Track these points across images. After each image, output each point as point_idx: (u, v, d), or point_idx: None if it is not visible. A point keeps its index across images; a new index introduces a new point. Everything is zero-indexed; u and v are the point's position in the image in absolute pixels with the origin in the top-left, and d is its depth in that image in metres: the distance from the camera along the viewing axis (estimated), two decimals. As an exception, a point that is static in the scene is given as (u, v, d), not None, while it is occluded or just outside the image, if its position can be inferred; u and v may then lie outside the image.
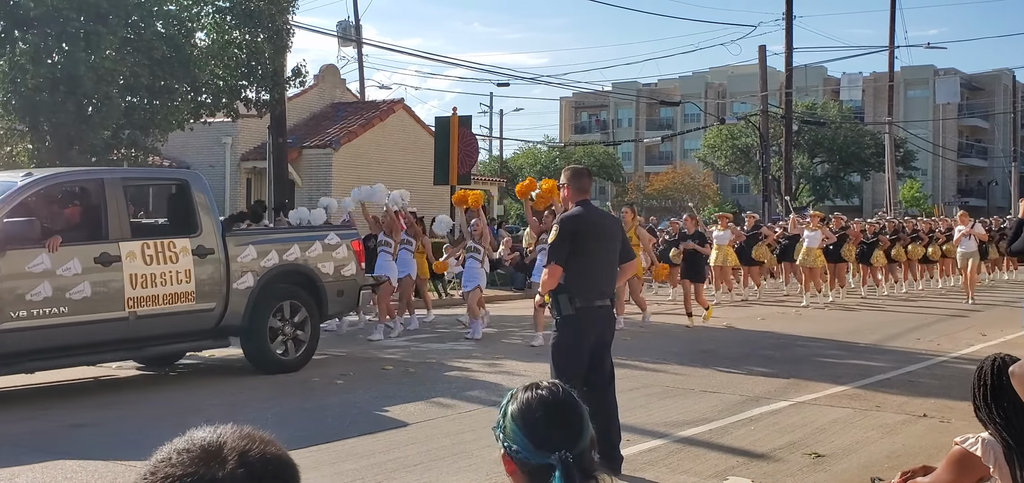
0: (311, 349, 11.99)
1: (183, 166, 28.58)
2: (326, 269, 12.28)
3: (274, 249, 11.77)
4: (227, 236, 11.30)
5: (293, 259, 11.92)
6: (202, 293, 10.84)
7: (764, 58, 36.93)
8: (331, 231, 12.93)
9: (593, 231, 7.06)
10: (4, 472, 7.09)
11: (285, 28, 20.21)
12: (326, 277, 12.26)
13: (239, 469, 1.41)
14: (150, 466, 1.43)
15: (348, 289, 12.64)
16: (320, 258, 12.24)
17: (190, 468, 1.40)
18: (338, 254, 12.51)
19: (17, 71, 16.36)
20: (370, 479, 6.93)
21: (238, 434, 1.46)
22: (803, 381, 11.14)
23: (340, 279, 12.48)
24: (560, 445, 2.14)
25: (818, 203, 59.46)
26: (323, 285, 12.19)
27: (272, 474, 1.44)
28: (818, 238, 20.68)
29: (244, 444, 1.44)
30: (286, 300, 11.73)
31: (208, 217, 11.12)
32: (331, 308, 12.50)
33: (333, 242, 12.54)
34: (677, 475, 7.12)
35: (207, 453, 1.43)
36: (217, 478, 1.39)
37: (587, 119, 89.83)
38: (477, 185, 34.47)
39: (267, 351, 11.50)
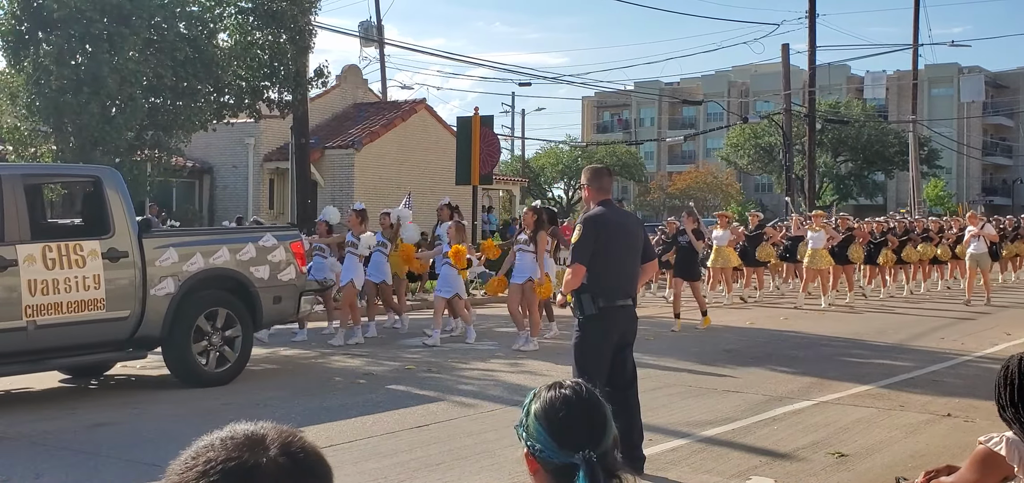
0: (242, 361, 11.05)
1: (206, 167, 28.82)
2: (260, 274, 11.25)
3: (199, 252, 10.80)
4: (144, 238, 10.37)
5: (221, 263, 10.93)
6: (114, 300, 9.93)
7: (787, 56, 36.75)
8: (267, 232, 11.97)
9: (616, 231, 7.05)
10: (28, 471, 7.15)
11: (307, 29, 20.29)
12: (260, 282, 11.24)
13: (281, 457, 1.43)
14: (191, 452, 1.44)
15: (287, 295, 11.62)
16: (253, 262, 11.23)
17: (235, 453, 1.42)
18: (274, 257, 11.46)
19: (41, 73, 16.50)
20: (393, 478, 6.94)
21: (277, 428, 1.49)
22: (826, 380, 11.08)
23: (277, 285, 11.46)
24: (584, 444, 2.13)
25: (842, 202, 59.15)
26: (257, 291, 11.19)
27: (311, 467, 1.46)
28: (822, 238, 20.16)
29: (285, 436, 1.47)
30: (213, 308, 10.81)
31: (123, 217, 10.17)
32: (267, 317, 11.49)
33: (269, 244, 11.49)
34: (700, 475, 7.09)
35: (251, 440, 1.45)
36: (261, 464, 1.41)
37: (609, 118, 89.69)
38: (499, 185, 34.56)
39: (190, 364, 10.62)
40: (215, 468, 1.40)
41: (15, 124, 17.22)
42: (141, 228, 10.47)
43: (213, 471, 1.40)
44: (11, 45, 16.94)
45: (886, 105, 74.65)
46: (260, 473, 1.40)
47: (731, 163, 63.90)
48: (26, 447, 7.89)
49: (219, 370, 10.79)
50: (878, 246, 22.35)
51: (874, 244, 22.35)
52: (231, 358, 10.90)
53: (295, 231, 12.85)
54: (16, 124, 17.21)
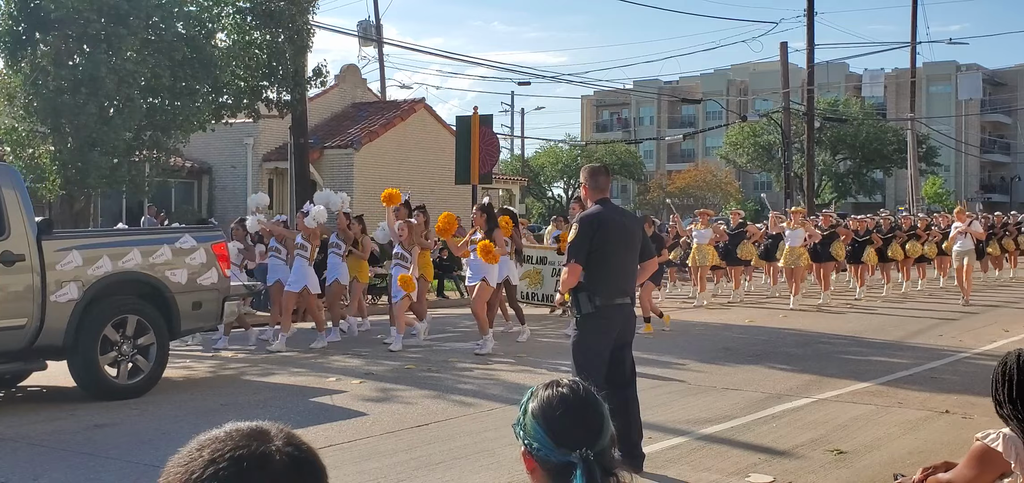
0: (157, 371, 10.33)
1: (205, 167, 28.81)
2: (177, 278, 10.56)
3: (106, 255, 10.04)
4: (44, 240, 9.61)
5: (132, 266, 10.21)
6: (8, 307, 9.25)
7: (786, 55, 36.76)
8: (185, 233, 11.20)
9: (613, 229, 7.05)
10: (27, 472, 7.15)
11: (305, 28, 20.31)
12: (177, 287, 10.54)
13: (287, 447, 1.46)
14: (195, 444, 1.46)
15: (207, 300, 10.91)
16: (169, 265, 10.53)
17: (241, 443, 1.44)
18: (193, 260, 10.75)
19: (39, 73, 16.50)
20: (392, 477, 6.94)
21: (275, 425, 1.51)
22: (825, 378, 11.10)
23: (196, 289, 10.75)
24: (581, 443, 2.14)
25: (841, 200, 59.16)
26: (173, 296, 10.48)
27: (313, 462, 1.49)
28: (801, 236, 19.74)
29: (286, 431, 1.50)
30: (123, 315, 10.08)
31: (20, 217, 9.41)
32: (185, 323, 10.74)
33: (187, 246, 10.76)
34: (699, 473, 7.10)
35: (256, 432, 1.47)
36: (268, 453, 1.44)
37: (608, 117, 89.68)
38: (499, 184, 34.56)
39: (97, 374, 9.86)
40: (223, 456, 1.42)
41: (13, 125, 17.22)
42: (41, 229, 9.72)
43: (221, 459, 1.42)
44: (8, 46, 16.94)
45: (884, 103, 74.61)
46: (268, 460, 1.43)
47: (730, 162, 63.88)
48: (25, 448, 7.89)
49: (131, 381, 10.03)
50: (862, 244, 21.85)
51: (858, 242, 21.87)
52: (144, 368, 10.14)
53: (218, 232, 12.16)
54: (14, 125, 17.21)
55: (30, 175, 17.33)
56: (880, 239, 22.25)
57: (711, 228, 20.62)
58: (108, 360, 9.94)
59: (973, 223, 20.70)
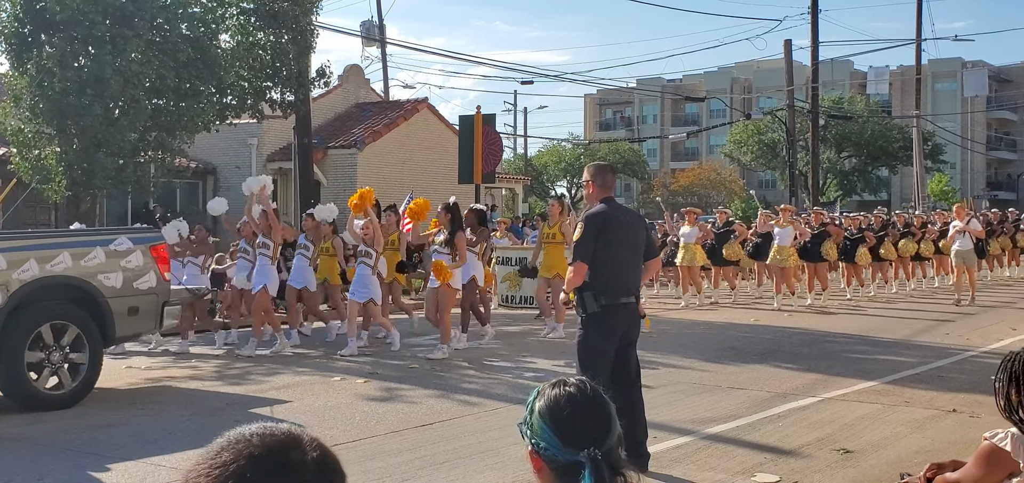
0: (90, 380, 9.79)
1: (210, 168, 28.82)
2: (111, 282, 10.02)
3: (33, 258, 9.54)
4: None
5: (61, 270, 9.70)
6: None
7: (790, 52, 36.73)
8: (120, 234, 10.59)
9: (618, 228, 7.04)
10: (31, 472, 7.15)
11: (309, 29, 20.32)
12: (111, 292, 9.99)
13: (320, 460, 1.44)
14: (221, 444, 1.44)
15: (145, 305, 10.34)
16: (102, 268, 9.97)
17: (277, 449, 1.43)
18: (129, 263, 10.21)
19: (44, 75, 16.53)
20: (397, 477, 6.94)
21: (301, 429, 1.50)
22: (831, 377, 11.07)
23: (132, 294, 10.19)
24: (589, 442, 2.13)
25: (846, 198, 59.09)
26: (106, 302, 9.93)
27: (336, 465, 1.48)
28: (790, 235, 19.03)
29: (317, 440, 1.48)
30: (52, 321, 9.58)
31: None
32: (120, 329, 10.19)
33: (122, 248, 10.20)
34: (704, 472, 7.08)
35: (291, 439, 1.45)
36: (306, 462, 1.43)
37: (612, 116, 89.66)
38: (502, 184, 34.55)
39: (24, 383, 9.39)
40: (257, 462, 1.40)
41: (19, 126, 17.26)
42: None
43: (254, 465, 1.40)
44: (14, 47, 16.99)
45: (890, 100, 74.60)
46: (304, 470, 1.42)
47: (734, 160, 63.83)
48: (29, 448, 7.90)
49: (60, 391, 9.58)
50: (855, 243, 20.83)
51: (850, 241, 20.81)
52: (75, 377, 9.66)
53: (156, 233, 11.60)
54: (20, 126, 17.25)
55: (36, 176, 17.38)
56: (873, 237, 21.44)
57: (698, 227, 19.96)
58: (36, 369, 9.46)
59: (971, 221, 19.78)
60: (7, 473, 7.12)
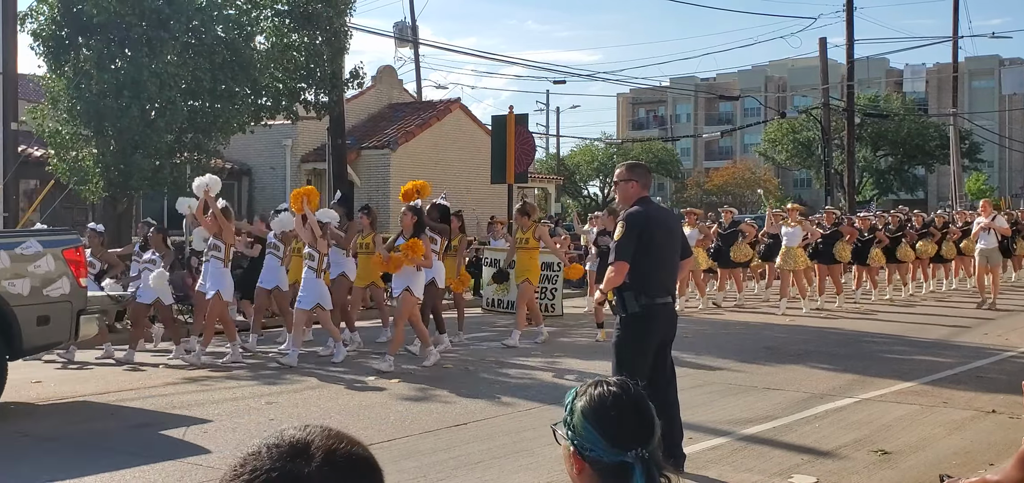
0: None
1: (245, 168, 29.04)
2: (17, 289, 9.21)
3: None
4: None
5: None
6: None
7: (825, 50, 36.46)
8: (30, 236, 9.81)
9: (657, 227, 7.00)
10: (74, 469, 7.20)
11: (342, 30, 20.40)
12: (17, 300, 9.18)
13: (325, 467, 1.44)
14: (239, 460, 1.46)
15: (57, 314, 9.53)
16: (6, 274, 9.19)
17: (278, 463, 1.43)
18: (38, 268, 9.42)
19: (82, 77, 16.71)
20: (432, 476, 6.94)
21: (325, 433, 1.49)
22: (868, 377, 10.97)
23: (42, 302, 9.39)
24: (635, 443, 2.11)
25: (882, 197, 58.56)
26: (12, 310, 9.13)
27: (357, 474, 1.47)
28: (798, 236, 18.23)
29: (331, 443, 1.47)
30: None
31: None
32: (28, 340, 9.34)
33: (30, 252, 9.38)
34: (740, 473, 7.03)
35: (295, 449, 1.45)
36: (303, 474, 1.42)
37: (645, 115, 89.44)
38: (534, 184, 34.53)
39: None
40: (259, 477, 1.42)
41: (57, 128, 17.45)
42: None
43: (258, 480, 1.41)
44: (52, 50, 17.19)
45: (926, 98, 73.89)
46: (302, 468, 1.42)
47: (769, 158, 63.45)
48: (70, 448, 7.97)
49: None
50: (867, 244, 19.90)
51: (862, 242, 19.88)
52: None
53: (73, 236, 10.56)
54: (58, 128, 17.44)
55: (74, 177, 17.57)
56: (886, 238, 20.28)
57: (698, 228, 18.63)
58: None
59: (997, 218, 18.70)
60: (50, 471, 7.18)
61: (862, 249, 19.87)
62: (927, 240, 21.16)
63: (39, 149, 20.83)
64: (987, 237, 18.33)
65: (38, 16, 17.24)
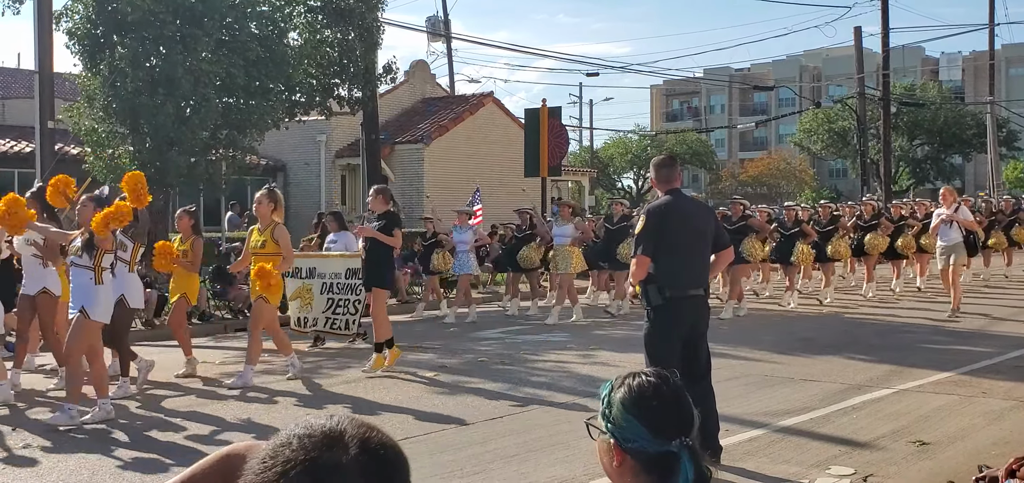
0: None
1: (279, 164, 29.23)
2: None
3: None
4: None
5: None
6: None
7: (860, 39, 36.09)
8: None
9: (682, 220, 6.97)
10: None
11: (375, 26, 20.49)
12: None
13: (362, 455, 1.41)
14: (267, 452, 1.42)
15: None
16: None
17: (313, 452, 1.40)
18: None
19: (117, 75, 16.87)
20: (468, 470, 6.95)
21: (355, 422, 1.46)
22: (905, 368, 10.86)
23: None
24: (679, 432, 2.11)
25: (918, 186, 57.93)
26: None
27: (390, 463, 1.44)
28: None
29: (363, 431, 1.44)
30: None
31: None
32: None
33: None
34: (778, 465, 6.99)
35: (329, 438, 1.42)
36: (340, 463, 1.39)
37: (679, 106, 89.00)
38: (567, 176, 34.48)
39: None
40: (293, 468, 1.38)
41: (93, 126, 17.64)
42: None
43: (292, 471, 1.38)
44: (87, 49, 17.37)
45: (962, 86, 72.99)
46: (339, 472, 1.39)
47: (804, 149, 62.96)
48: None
49: None
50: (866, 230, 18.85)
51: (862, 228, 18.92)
52: None
53: None
54: (94, 126, 17.62)
55: (110, 175, 17.75)
56: (890, 225, 19.06)
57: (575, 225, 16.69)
58: None
59: (961, 208, 15.99)
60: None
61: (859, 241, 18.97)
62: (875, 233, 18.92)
63: (76, 147, 21.06)
64: (948, 232, 15.52)
65: (73, 15, 17.42)
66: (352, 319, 12.75)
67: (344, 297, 12.68)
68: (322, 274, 12.93)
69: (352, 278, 12.58)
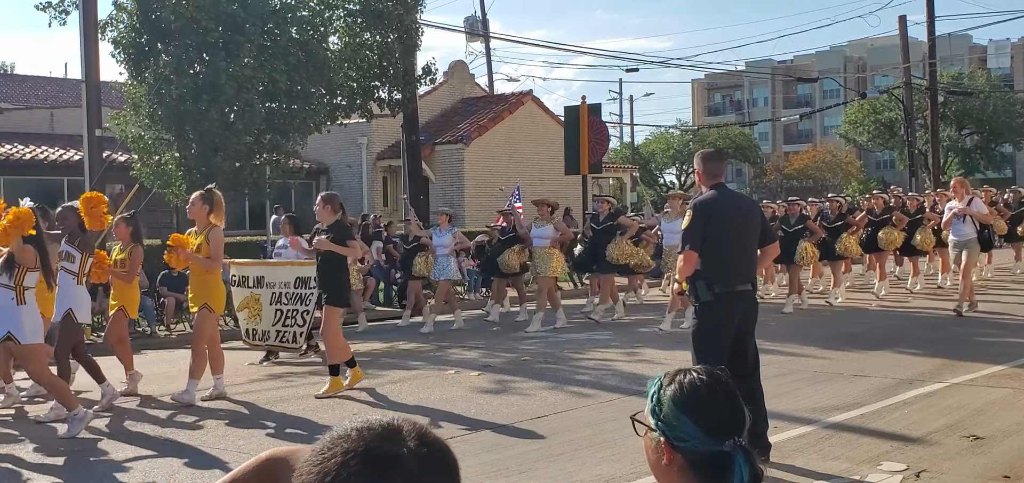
0: None
1: (322, 167, 29.43)
2: None
3: None
4: None
5: None
6: None
7: (905, 28, 35.63)
8: None
9: (728, 215, 6.89)
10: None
11: (414, 27, 20.54)
12: None
13: (420, 449, 1.41)
14: (325, 443, 1.42)
15: None
16: None
17: (372, 443, 1.40)
18: None
19: (162, 82, 17.05)
20: (513, 469, 6.92)
21: (407, 419, 1.47)
22: (958, 362, 10.68)
23: None
24: (731, 432, 2.07)
25: (968, 176, 57.06)
26: None
27: (445, 460, 1.45)
28: None
29: (419, 428, 1.45)
30: None
31: None
32: None
33: None
34: (828, 461, 6.88)
35: (388, 431, 1.43)
36: (400, 455, 1.40)
37: (721, 100, 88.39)
38: (608, 173, 34.39)
39: None
40: (354, 458, 1.39)
41: (139, 133, 17.84)
42: None
43: (353, 459, 1.39)
44: (132, 57, 17.57)
45: (1012, 74, 71.76)
46: (400, 463, 1.39)
47: (850, 141, 62.22)
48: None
49: None
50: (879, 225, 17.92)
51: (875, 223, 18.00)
52: None
53: None
54: (140, 133, 17.83)
55: (157, 181, 17.95)
56: (905, 220, 18.07)
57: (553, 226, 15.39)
58: None
59: (974, 201, 14.94)
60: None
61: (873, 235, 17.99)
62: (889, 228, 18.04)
63: (123, 154, 21.30)
64: (960, 226, 14.62)
65: (118, 24, 17.64)
66: (300, 331, 11.64)
67: (293, 308, 11.62)
68: (271, 283, 11.86)
69: (302, 287, 11.56)
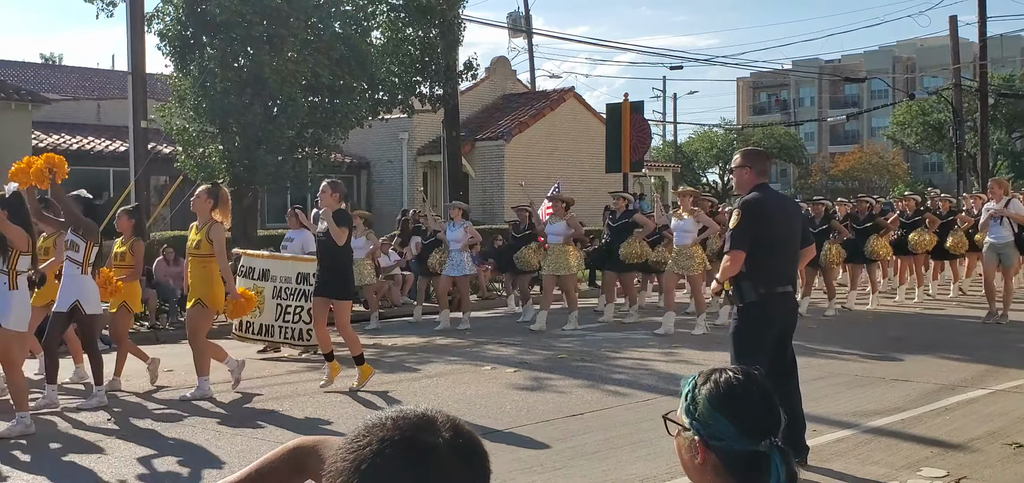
0: None
1: (363, 162, 29.58)
2: None
3: None
4: None
5: None
6: None
7: (955, 29, 35.11)
8: None
9: (775, 215, 6.81)
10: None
11: (456, 23, 20.59)
12: None
13: (455, 440, 1.43)
14: (359, 431, 1.43)
15: None
16: None
17: (408, 432, 1.42)
18: None
19: (206, 75, 17.21)
20: (549, 466, 6.89)
21: (443, 412, 1.48)
22: (1002, 368, 10.50)
23: None
24: (767, 432, 2.05)
25: (1018, 180, 56.17)
26: None
27: (479, 452, 1.46)
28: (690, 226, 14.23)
29: (454, 420, 1.47)
30: None
31: None
32: None
33: None
34: (867, 466, 6.79)
35: (423, 421, 1.44)
36: (435, 444, 1.41)
37: (766, 99, 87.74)
38: (651, 171, 34.22)
39: None
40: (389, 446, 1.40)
41: (184, 126, 18.02)
42: None
43: (388, 448, 1.40)
44: (177, 50, 17.75)
45: (1064, 76, 70.41)
46: (435, 452, 1.40)
47: (898, 142, 61.47)
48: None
49: None
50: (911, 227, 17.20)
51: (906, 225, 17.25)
52: None
53: None
54: (185, 126, 18.01)
55: (201, 173, 18.13)
56: (937, 221, 17.27)
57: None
58: None
59: (1012, 202, 14.28)
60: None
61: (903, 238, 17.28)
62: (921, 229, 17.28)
63: (168, 146, 21.55)
64: (997, 228, 14.04)
65: (164, 17, 17.83)
66: (306, 328, 11.73)
67: (295, 304, 11.87)
68: (275, 277, 12.02)
69: (302, 283, 11.80)
